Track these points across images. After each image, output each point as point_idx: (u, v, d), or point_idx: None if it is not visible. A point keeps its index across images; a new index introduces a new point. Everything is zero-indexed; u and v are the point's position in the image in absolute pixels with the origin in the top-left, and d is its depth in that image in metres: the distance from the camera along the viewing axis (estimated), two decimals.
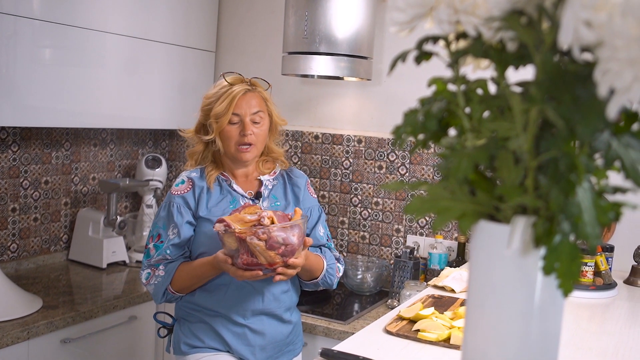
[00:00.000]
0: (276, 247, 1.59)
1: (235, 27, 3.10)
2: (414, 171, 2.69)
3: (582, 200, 0.64)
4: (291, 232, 1.61)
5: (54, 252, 2.81)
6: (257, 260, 1.59)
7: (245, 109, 1.79)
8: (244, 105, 1.79)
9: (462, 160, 0.71)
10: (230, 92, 1.79)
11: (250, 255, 1.59)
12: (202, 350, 1.81)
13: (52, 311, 2.17)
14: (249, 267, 1.61)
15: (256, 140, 1.81)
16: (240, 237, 1.58)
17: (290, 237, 1.61)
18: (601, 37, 0.56)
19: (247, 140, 1.79)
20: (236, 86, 1.81)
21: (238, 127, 1.80)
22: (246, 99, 1.80)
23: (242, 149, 1.80)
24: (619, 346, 1.48)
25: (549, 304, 0.74)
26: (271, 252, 1.59)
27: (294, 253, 1.63)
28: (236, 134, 1.80)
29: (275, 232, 1.58)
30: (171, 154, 3.28)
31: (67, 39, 2.35)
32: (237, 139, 1.80)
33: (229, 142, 1.82)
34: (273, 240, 1.58)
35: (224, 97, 1.79)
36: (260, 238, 1.57)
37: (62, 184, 2.82)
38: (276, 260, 1.61)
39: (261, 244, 1.57)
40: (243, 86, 1.82)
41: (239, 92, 1.79)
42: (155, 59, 2.75)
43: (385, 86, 2.75)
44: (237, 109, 1.79)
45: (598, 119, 0.58)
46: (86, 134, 2.91)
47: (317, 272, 1.87)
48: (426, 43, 0.78)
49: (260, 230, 1.57)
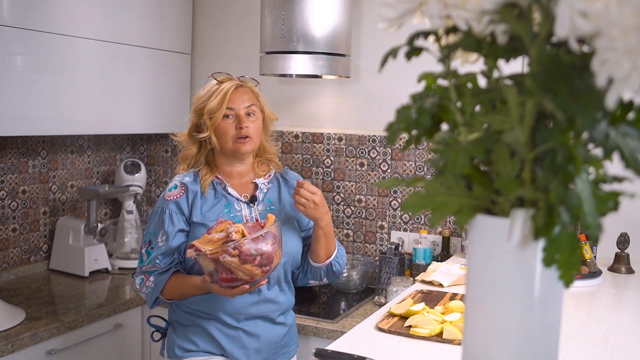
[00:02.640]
0: (251, 260, 1.55)
1: (211, 29, 3.07)
2: (395, 167, 2.70)
3: (581, 191, 0.64)
4: (263, 241, 1.57)
5: (34, 262, 2.76)
6: (236, 276, 1.57)
7: (238, 102, 1.80)
8: (237, 99, 1.80)
9: (458, 155, 0.71)
10: (221, 89, 1.80)
11: (230, 272, 1.56)
12: (197, 354, 1.80)
13: (36, 322, 2.13)
14: (231, 285, 1.60)
15: (253, 134, 1.81)
16: (214, 258, 1.55)
17: (262, 246, 1.56)
18: (598, 27, 0.56)
19: (244, 133, 1.78)
20: (226, 83, 1.82)
21: (233, 122, 1.80)
22: (238, 93, 1.81)
23: (240, 141, 1.79)
24: (609, 333, 1.50)
25: (549, 295, 0.74)
26: (247, 266, 1.55)
27: (272, 260, 1.59)
28: (232, 128, 1.79)
29: (247, 245, 1.54)
30: (150, 159, 3.25)
31: (39, 45, 2.31)
32: (233, 133, 1.79)
33: (226, 137, 1.80)
34: (245, 253, 1.54)
35: (215, 93, 1.80)
36: (232, 254, 1.53)
37: (40, 192, 2.77)
38: (255, 272, 1.57)
39: (235, 260, 1.53)
40: (233, 82, 1.83)
41: (231, 87, 1.81)
42: (130, 63, 2.71)
43: (363, 83, 2.75)
44: (231, 103, 1.79)
45: (597, 109, 0.58)
46: (62, 141, 2.86)
47: (332, 247, 1.88)
48: (417, 39, 0.77)
49: (230, 246, 1.53)
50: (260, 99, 1.87)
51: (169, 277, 1.77)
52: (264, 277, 1.62)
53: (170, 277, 1.77)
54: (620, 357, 1.36)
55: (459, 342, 1.42)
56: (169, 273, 1.78)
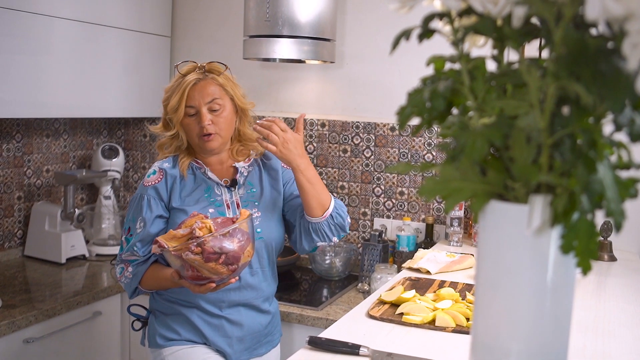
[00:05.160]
0: (214, 258, 1.49)
1: (191, 11, 3.01)
2: (379, 154, 2.69)
3: (604, 177, 0.63)
4: (229, 239, 1.51)
5: (9, 248, 2.69)
6: (202, 274, 1.53)
7: (198, 99, 1.73)
8: (196, 95, 1.73)
9: (476, 139, 0.69)
10: (181, 85, 1.74)
11: (195, 270, 1.52)
12: (178, 342, 1.77)
13: (12, 310, 2.08)
14: (198, 282, 1.56)
15: (218, 129, 1.75)
16: (178, 255, 1.50)
17: (227, 245, 1.50)
18: (630, 9, 0.55)
19: (205, 131, 1.73)
20: (188, 76, 1.75)
21: (196, 118, 1.74)
22: (198, 88, 1.74)
23: (204, 139, 1.75)
24: (598, 320, 1.51)
25: (561, 283, 0.73)
26: (211, 264, 1.50)
27: (238, 259, 1.54)
28: (195, 125, 1.74)
29: (210, 243, 1.48)
30: (127, 143, 3.18)
31: (14, 24, 2.23)
32: (197, 130, 1.75)
33: (191, 134, 1.77)
34: (208, 251, 1.48)
35: (177, 90, 1.74)
36: (194, 252, 1.48)
37: (14, 177, 2.69)
38: (220, 270, 1.51)
39: (197, 258, 1.48)
40: (194, 75, 1.75)
41: (189, 83, 1.73)
42: (107, 45, 2.65)
43: (347, 69, 2.73)
44: (190, 101, 1.74)
45: (627, 93, 0.56)
46: (38, 125, 2.79)
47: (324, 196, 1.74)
48: (431, 21, 0.75)
49: (192, 244, 1.48)
50: (228, 88, 1.78)
51: (147, 267, 1.74)
52: (232, 275, 1.57)
53: (149, 267, 1.74)
54: (611, 343, 1.37)
55: (451, 330, 1.42)
56: (148, 264, 1.74)
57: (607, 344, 1.36)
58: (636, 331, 1.46)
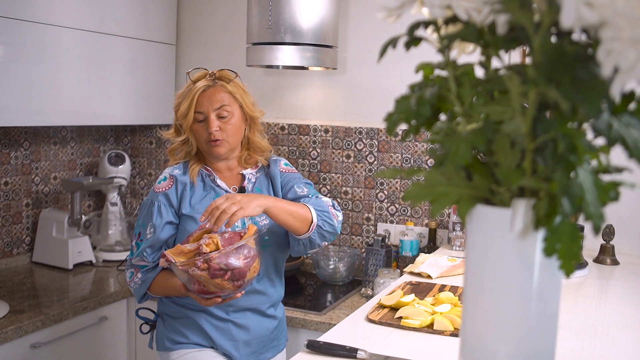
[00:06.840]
0: (220, 275, 1.51)
1: (196, 19, 3.04)
2: (382, 159, 2.70)
3: (583, 181, 0.64)
4: (235, 255, 1.53)
5: (17, 254, 2.73)
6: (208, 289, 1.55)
7: (207, 105, 1.76)
8: (205, 102, 1.77)
9: (460, 145, 0.71)
10: (191, 91, 1.77)
11: (202, 284, 1.54)
12: (186, 346, 1.79)
13: (20, 315, 2.11)
14: (204, 296, 1.59)
15: (225, 135, 1.78)
16: (184, 270, 1.52)
17: (232, 261, 1.51)
18: (604, 17, 0.56)
19: (213, 137, 1.76)
20: (198, 83, 1.78)
21: (204, 124, 1.78)
22: (207, 95, 1.77)
23: (212, 144, 1.78)
24: (596, 323, 1.51)
25: (547, 285, 0.74)
26: (217, 280, 1.51)
27: (244, 275, 1.55)
28: (204, 131, 1.78)
29: (216, 260, 1.50)
30: (134, 150, 3.21)
31: (22, 34, 2.27)
32: (206, 136, 1.78)
33: (200, 140, 1.80)
34: (214, 268, 1.50)
35: (187, 96, 1.78)
36: (200, 268, 1.50)
37: (22, 184, 2.73)
38: (226, 286, 1.53)
39: (204, 274, 1.50)
40: (204, 82, 1.78)
41: (199, 89, 1.77)
42: (114, 53, 2.68)
43: (350, 75, 2.74)
44: (199, 107, 1.77)
45: (602, 99, 0.58)
46: (45, 133, 2.82)
47: (303, 214, 1.71)
48: (417, 29, 0.77)
49: (199, 260, 1.49)
50: (237, 95, 1.80)
51: (156, 274, 1.76)
52: (238, 291, 1.59)
53: (158, 275, 1.76)
54: (608, 346, 1.37)
55: (449, 333, 1.43)
56: (157, 271, 1.77)
57: (605, 347, 1.37)
58: (635, 334, 1.46)
